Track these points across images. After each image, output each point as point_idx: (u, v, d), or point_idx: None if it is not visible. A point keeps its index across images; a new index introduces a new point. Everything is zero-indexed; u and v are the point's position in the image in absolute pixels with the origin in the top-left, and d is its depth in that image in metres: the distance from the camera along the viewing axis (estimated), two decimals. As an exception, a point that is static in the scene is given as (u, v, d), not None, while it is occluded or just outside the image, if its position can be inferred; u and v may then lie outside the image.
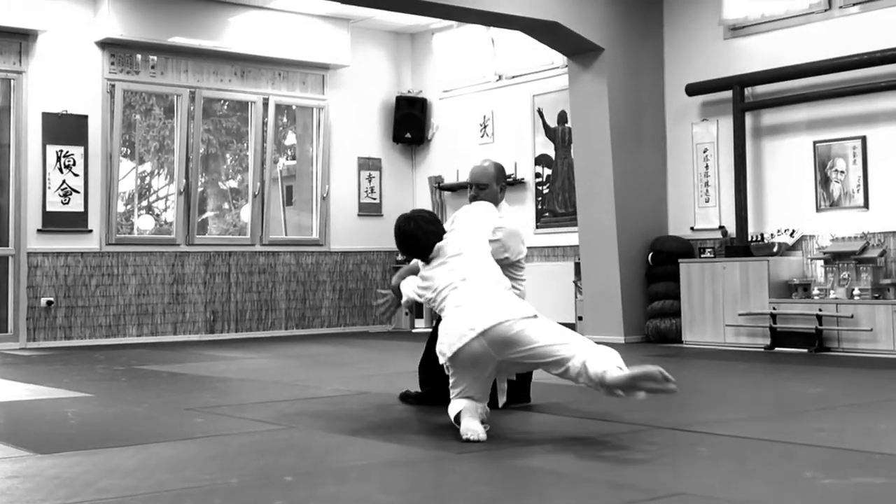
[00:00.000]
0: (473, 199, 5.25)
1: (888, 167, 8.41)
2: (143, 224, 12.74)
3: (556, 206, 10.96)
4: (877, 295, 8.07)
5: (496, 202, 5.18)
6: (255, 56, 11.30)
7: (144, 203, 13.61)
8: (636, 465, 3.56)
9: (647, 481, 3.31)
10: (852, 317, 8.04)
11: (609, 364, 3.86)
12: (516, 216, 5.44)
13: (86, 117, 10.36)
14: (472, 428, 4.04)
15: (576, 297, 10.30)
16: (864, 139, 8.56)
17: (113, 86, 10.57)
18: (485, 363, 4.09)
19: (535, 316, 4.11)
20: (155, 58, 10.81)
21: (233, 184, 13.77)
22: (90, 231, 10.37)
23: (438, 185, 12.19)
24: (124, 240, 10.72)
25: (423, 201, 12.45)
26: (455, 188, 11.98)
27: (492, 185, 5.23)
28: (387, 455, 3.84)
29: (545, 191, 11.08)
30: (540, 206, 11.13)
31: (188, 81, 11.02)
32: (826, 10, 8.82)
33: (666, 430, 4.23)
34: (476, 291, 4.24)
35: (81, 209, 10.32)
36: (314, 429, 4.50)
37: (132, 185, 12.46)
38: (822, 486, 3.19)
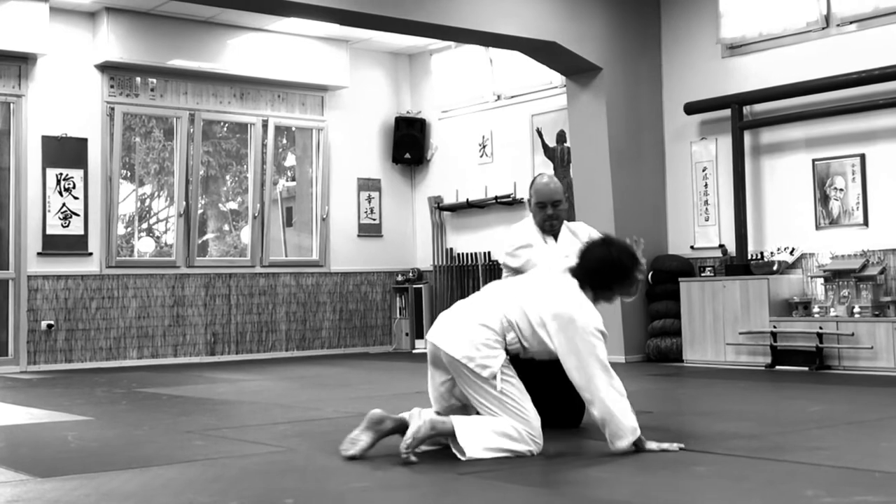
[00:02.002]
0: (551, 217, 5.13)
1: (887, 185, 8.42)
2: (144, 246, 12.76)
3: (556, 225, 10.95)
4: (877, 313, 8.07)
5: (567, 217, 5.24)
6: (255, 78, 11.34)
7: (144, 225, 13.63)
8: (635, 483, 3.55)
9: (645, 500, 3.30)
10: (853, 335, 8.04)
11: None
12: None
13: (85, 140, 10.39)
14: (351, 437, 4.23)
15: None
16: (862, 157, 8.58)
17: (112, 108, 10.61)
18: (438, 368, 4.27)
19: (496, 380, 4.10)
20: (154, 80, 10.85)
21: (233, 205, 13.79)
22: (90, 254, 10.38)
23: (438, 206, 12.21)
24: (124, 262, 10.73)
25: (423, 222, 12.47)
26: (455, 208, 12.00)
27: (563, 201, 5.20)
28: (387, 477, 3.83)
29: (545, 210, 11.08)
30: (539, 226, 11.13)
31: (188, 104, 11.06)
32: (823, 29, 8.85)
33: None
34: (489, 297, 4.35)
35: (81, 232, 10.33)
36: (315, 451, 4.49)
37: (132, 207, 12.48)
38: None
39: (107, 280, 10.50)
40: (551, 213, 5.12)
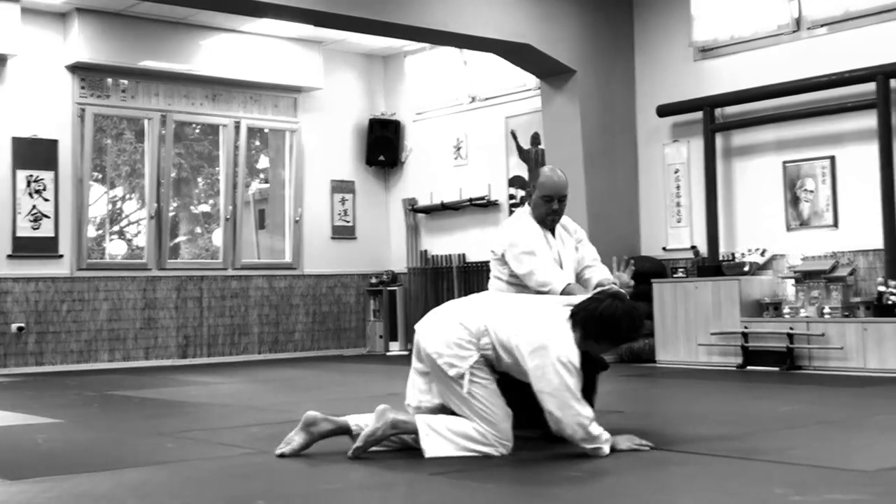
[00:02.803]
0: (555, 212, 4.88)
1: (857, 187, 8.49)
2: (115, 249, 12.70)
3: (529, 227, 10.96)
4: (847, 313, 8.13)
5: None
6: (227, 79, 11.29)
7: (116, 228, 13.56)
8: (607, 483, 3.56)
9: (616, 499, 3.31)
10: (823, 335, 8.10)
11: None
12: None
13: (56, 142, 10.31)
14: (286, 438, 4.31)
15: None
16: (832, 159, 8.65)
17: (83, 110, 10.53)
18: (420, 361, 4.32)
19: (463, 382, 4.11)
20: (126, 81, 10.79)
21: (205, 208, 13.74)
22: (61, 256, 10.30)
23: (412, 208, 12.20)
24: (95, 265, 10.66)
25: (397, 224, 12.46)
26: (429, 210, 12.00)
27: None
28: (359, 478, 3.82)
29: (518, 212, 11.09)
30: (513, 228, 11.14)
31: (159, 105, 10.99)
32: (794, 32, 8.92)
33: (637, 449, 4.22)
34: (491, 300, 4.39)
35: (52, 234, 10.25)
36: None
37: (103, 209, 12.41)
38: (791, 502, 3.20)
39: (78, 282, 10.42)
40: (556, 209, 4.87)
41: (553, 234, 4.94)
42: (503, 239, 4.89)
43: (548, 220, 4.89)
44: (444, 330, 4.19)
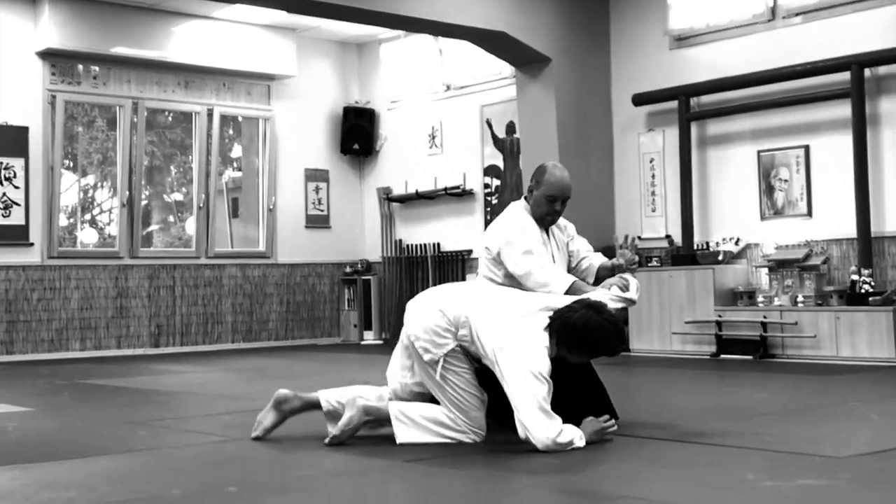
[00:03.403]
0: (557, 213, 4.71)
1: (831, 176, 8.53)
2: (87, 237, 12.59)
3: (504, 216, 10.95)
4: (820, 302, 8.18)
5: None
6: (199, 66, 11.20)
7: (88, 216, 13.44)
8: (580, 470, 3.55)
9: (590, 485, 3.31)
10: (796, 324, 8.14)
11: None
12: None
13: (26, 129, 10.19)
14: (258, 418, 4.38)
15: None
16: (807, 148, 8.68)
17: (54, 97, 10.42)
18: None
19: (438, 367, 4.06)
20: (97, 68, 10.68)
21: (178, 196, 13.65)
22: (31, 244, 10.20)
23: (387, 197, 12.16)
24: (67, 253, 10.56)
25: (372, 213, 12.41)
26: (404, 199, 11.96)
27: None
28: (332, 465, 3.80)
29: (494, 201, 11.10)
30: (489, 217, 11.14)
31: (131, 92, 10.89)
32: (769, 21, 8.94)
33: (610, 436, 4.21)
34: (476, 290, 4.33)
35: (22, 222, 10.14)
36: (259, 441, 4.44)
37: (75, 198, 12.30)
38: (763, 487, 3.20)
39: (48, 271, 10.32)
40: (558, 210, 4.69)
41: (548, 233, 4.76)
42: (499, 237, 4.65)
43: (547, 219, 4.71)
44: (425, 315, 4.14)
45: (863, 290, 7.91)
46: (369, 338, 11.92)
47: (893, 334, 7.62)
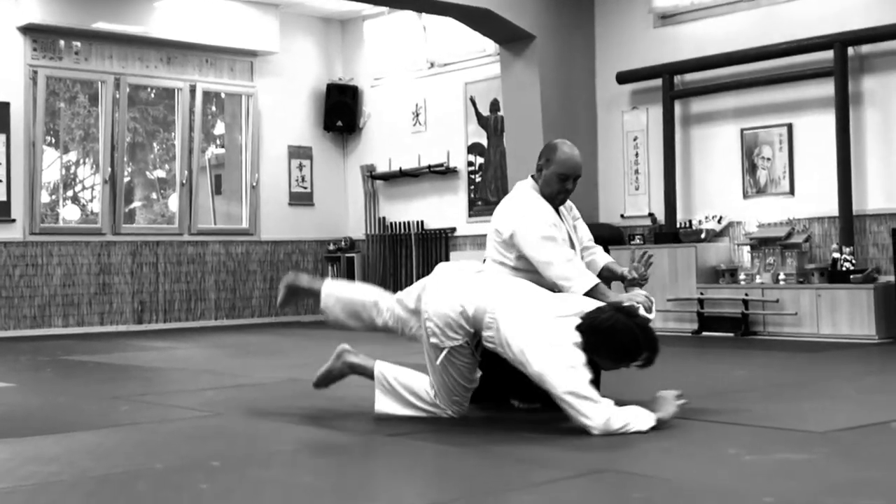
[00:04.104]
0: (567, 192, 4.54)
1: (813, 154, 8.56)
2: (69, 214, 12.52)
3: (489, 194, 10.98)
4: (801, 280, 8.22)
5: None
6: (182, 42, 11.12)
7: (70, 193, 13.37)
8: (562, 444, 3.57)
9: (572, 459, 3.33)
10: (777, 301, 8.18)
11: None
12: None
13: (7, 105, 10.11)
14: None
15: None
16: (790, 126, 8.71)
17: (35, 72, 10.34)
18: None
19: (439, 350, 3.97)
20: (78, 44, 10.59)
21: (160, 173, 13.58)
22: (13, 220, 10.14)
23: (370, 174, 12.14)
24: (49, 229, 10.51)
25: (355, 190, 12.39)
26: (388, 177, 11.94)
27: None
28: (316, 440, 3.81)
29: (478, 179, 11.10)
30: (472, 195, 11.14)
31: (113, 68, 10.82)
32: None
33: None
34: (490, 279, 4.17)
35: (4, 198, 10.07)
36: (242, 416, 4.45)
37: (57, 174, 12.23)
38: (743, 462, 3.23)
39: (30, 247, 10.27)
40: (570, 188, 4.53)
41: (558, 214, 4.57)
42: (512, 218, 4.45)
43: (558, 198, 4.53)
44: (444, 301, 3.96)
45: (844, 268, 7.96)
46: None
47: (874, 312, 7.68)
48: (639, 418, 3.70)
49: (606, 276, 4.66)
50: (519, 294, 3.98)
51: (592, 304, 3.98)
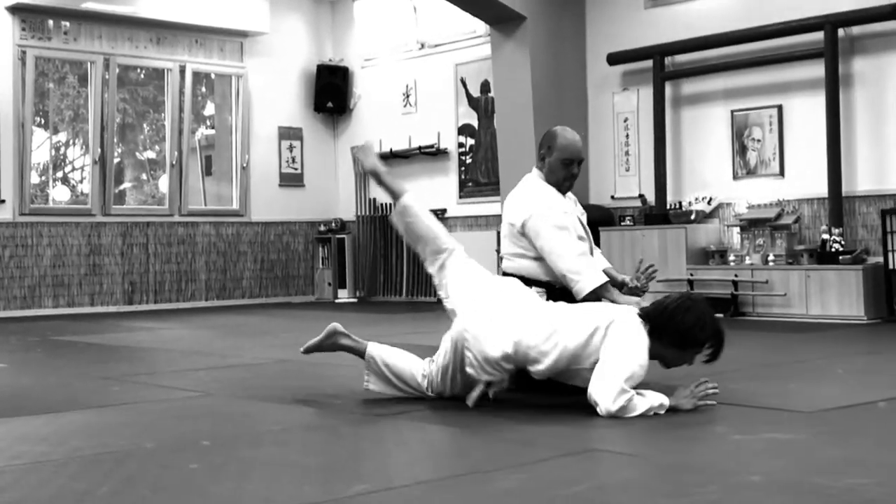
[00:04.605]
0: (573, 177, 4.52)
1: (803, 135, 8.57)
2: (59, 195, 12.49)
3: (480, 175, 10.98)
4: (791, 261, 8.25)
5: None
6: (171, 22, 11.08)
7: (60, 174, 13.33)
8: (549, 424, 3.59)
9: (559, 439, 3.34)
10: (767, 282, 8.21)
11: None
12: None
13: (-4, 85, 10.08)
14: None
15: (498, 266, 10.33)
16: (780, 108, 8.72)
17: (24, 52, 10.29)
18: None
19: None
20: (67, 24, 10.54)
21: (150, 154, 13.55)
22: (3, 201, 10.11)
23: (361, 155, 12.10)
24: (39, 210, 10.49)
25: (346, 171, 12.38)
26: (378, 158, 11.89)
27: None
28: (305, 419, 3.82)
29: (468, 161, 11.09)
30: (463, 176, 11.14)
31: (102, 48, 10.77)
32: (743, -19, 8.94)
33: (579, 392, 4.21)
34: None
35: (-7, 179, 10.06)
36: (232, 396, 4.46)
37: (46, 155, 12.19)
38: (731, 440, 3.25)
39: (20, 228, 10.25)
40: (575, 173, 4.51)
41: None
42: (523, 208, 4.41)
43: (564, 185, 4.51)
44: (489, 340, 3.76)
45: (833, 249, 7.99)
46: (343, 296, 11.93)
47: (862, 293, 7.71)
48: (651, 404, 3.64)
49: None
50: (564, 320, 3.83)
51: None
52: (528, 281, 4.49)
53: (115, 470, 2.93)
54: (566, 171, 4.49)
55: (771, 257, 8.33)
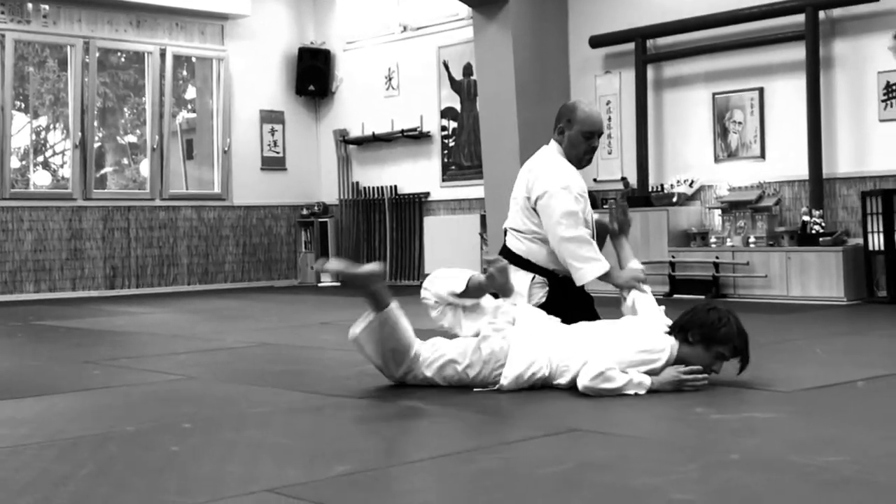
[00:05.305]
0: (593, 150, 4.53)
1: (784, 118, 8.60)
2: (40, 179, 12.43)
3: (462, 159, 10.97)
4: (771, 242, 8.29)
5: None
6: (151, 5, 11.00)
7: (40, 158, 13.26)
8: (531, 403, 3.61)
9: (541, 419, 3.36)
10: (748, 264, 8.25)
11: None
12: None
13: (-25, 68, 10.01)
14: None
15: (481, 249, 10.35)
16: (761, 90, 8.74)
17: (3, 36, 10.22)
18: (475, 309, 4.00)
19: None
20: (47, 7, 10.46)
21: (131, 138, 13.48)
22: (-17, 186, 10.06)
23: (343, 139, 12.10)
24: (19, 195, 10.43)
25: (328, 155, 12.35)
26: (361, 142, 11.90)
27: None
28: (288, 401, 3.82)
29: (451, 144, 11.08)
30: (446, 160, 11.13)
31: (82, 31, 10.70)
32: (724, -37, 8.94)
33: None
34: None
35: (-27, 163, 9.99)
36: (214, 379, 4.46)
37: (27, 139, 12.11)
38: (710, 420, 3.28)
39: (1, 213, 10.19)
40: (596, 146, 4.48)
41: None
42: (548, 183, 4.36)
43: (585, 159, 4.49)
44: (523, 364, 3.79)
45: (813, 231, 8.03)
46: (326, 280, 11.92)
47: (842, 274, 7.76)
48: (632, 382, 3.67)
49: (601, 231, 4.64)
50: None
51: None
52: (532, 266, 4.46)
53: (95, 452, 2.93)
54: (587, 145, 4.45)
55: (752, 239, 8.37)
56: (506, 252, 4.55)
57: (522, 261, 4.51)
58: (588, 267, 4.33)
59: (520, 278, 4.44)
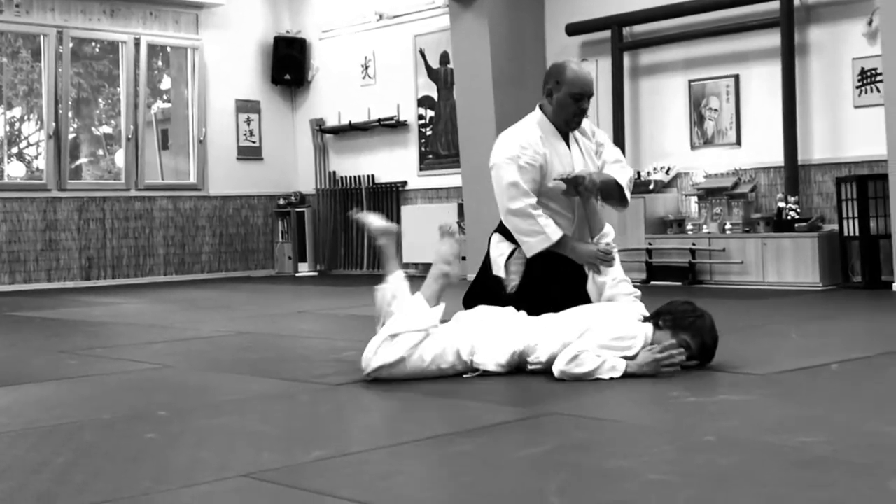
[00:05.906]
0: (582, 112, 4.35)
1: (759, 105, 8.64)
2: (14, 170, 12.33)
3: (440, 147, 10.96)
4: (747, 229, 8.33)
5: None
6: (125, -7, 10.93)
7: (14, 149, 13.16)
8: (511, 388, 3.61)
9: (521, 402, 3.37)
10: (724, 250, 8.29)
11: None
12: None
13: (-53, 58, 9.92)
14: None
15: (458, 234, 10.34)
16: (737, 78, 8.77)
17: (-25, 25, 10.12)
18: None
19: None
20: (20, -4, 10.38)
21: (106, 129, 13.40)
22: (-44, 177, 9.98)
23: (320, 128, 12.06)
24: (-8, 186, 10.36)
25: (305, 144, 12.31)
26: (337, 131, 11.87)
27: None
28: (264, 389, 3.82)
29: (428, 133, 11.07)
30: (423, 148, 11.12)
31: (55, 20, 10.61)
32: (699, -50, 8.95)
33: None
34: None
35: (-55, 154, 9.91)
36: (191, 368, 4.44)
37: (0, 130, 12.01)
38: (686, 402, 3.29)
39: (-26, 204, 10.12)
40: (585, 108, 4.31)
41: (567, 141, 4.40)
42: (494, 153, 4.37)
43: (574, 121, 4.34)
44: (494, 334, 3.84)
45: (789, 217, 8.07)
46: (304, 269, 11.89)
47: (818, 260, 7.81)
48: (604, 367, 3.67)
49: (608, 189, 4.54)
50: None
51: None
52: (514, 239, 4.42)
53: (71, 440, 2.92)
54: (576, 107, 4.31)
55: (728, 226, 8.40)
56: (501, 225, 4.52)
57: (508, 232, 4.47)
58: (532, 241, 4.26)
59: (502, 249, 4.47)
